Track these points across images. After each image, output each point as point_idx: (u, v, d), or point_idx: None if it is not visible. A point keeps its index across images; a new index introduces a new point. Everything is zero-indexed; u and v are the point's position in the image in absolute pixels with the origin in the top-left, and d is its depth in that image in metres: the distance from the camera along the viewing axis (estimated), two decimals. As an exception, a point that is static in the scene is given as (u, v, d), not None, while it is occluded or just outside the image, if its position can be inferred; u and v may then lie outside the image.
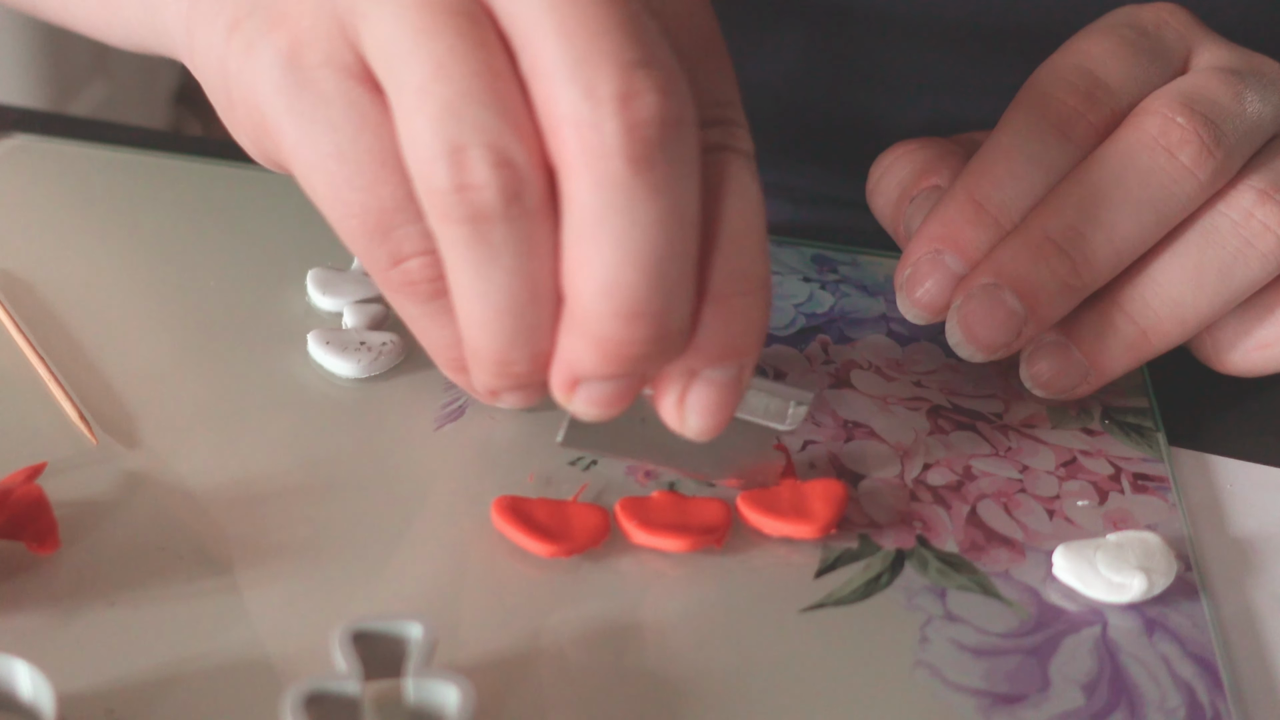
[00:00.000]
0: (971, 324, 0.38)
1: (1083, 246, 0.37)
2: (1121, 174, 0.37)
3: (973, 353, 0.39)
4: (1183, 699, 0.32)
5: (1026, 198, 0.38)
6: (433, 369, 0.41)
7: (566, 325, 0.29)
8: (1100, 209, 0.37)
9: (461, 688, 0.28)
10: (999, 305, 0.37)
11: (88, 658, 0.30)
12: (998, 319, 0.38)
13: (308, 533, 0.34)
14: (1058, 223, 0.37)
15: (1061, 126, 0.38)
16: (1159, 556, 0.34)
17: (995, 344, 0.38)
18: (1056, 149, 0.38)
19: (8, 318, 0.41)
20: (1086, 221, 0.37)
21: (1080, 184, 0.37)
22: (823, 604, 0.34)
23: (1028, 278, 0.37)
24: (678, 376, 0.30)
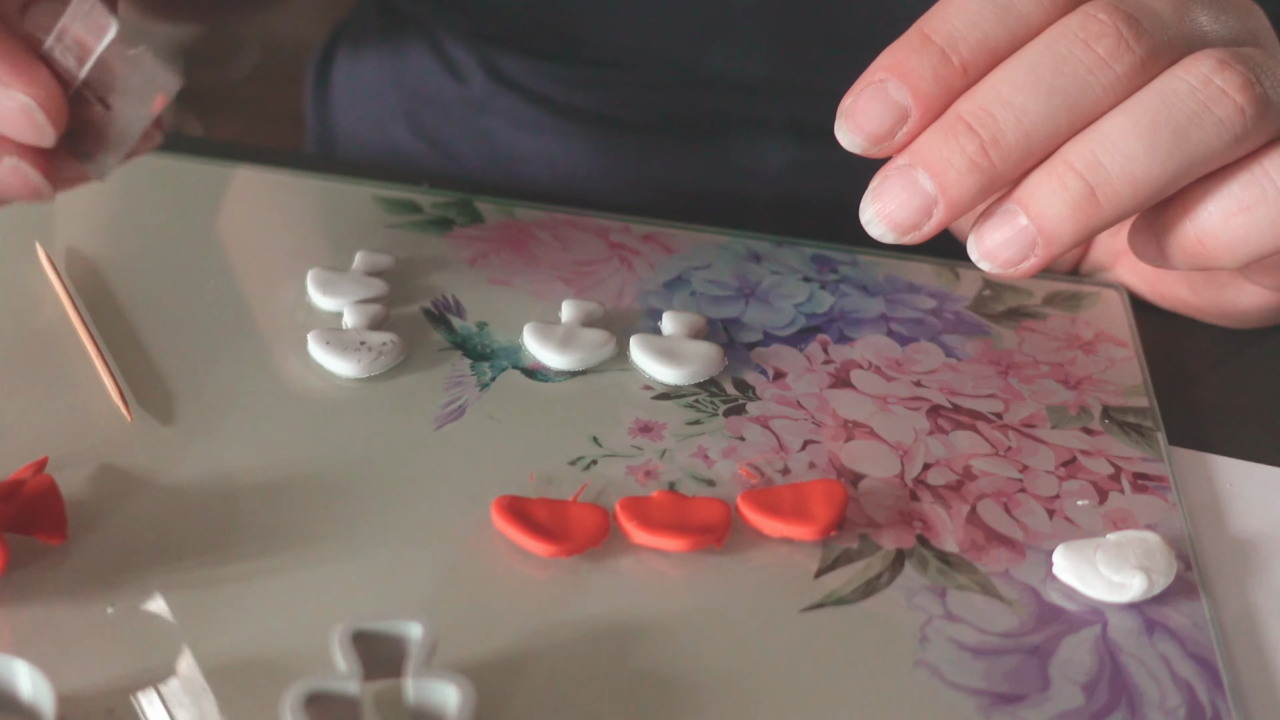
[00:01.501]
0: (884, 201, 0.38)
1: (991, 126, 0.36)
2: (1037, 60, 0.36)
3: (884, 232, 0.38)
4: (1183, 698, 0.32)
5: (974, 31, 0.37)
6: (433, 369, 0.41)
7: None
8: (1013, 91, 0.36)
9: (461, 688, 0.28)
10: (910, 184, 0.37)
11: (88, 657, 0.30)
12: (909, 198, 0.37)
13: (308, 532, 0.34)
14: (970, 105, 0.37)
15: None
16: (1159, 556, 0.34)
17: (905, 224, 0.38)
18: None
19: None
20: (997, 103, 0.36)
21: (998, 71, 0.37)
22: (823, 604, 0.34)
23: (937, 156, 0.37)
24: None
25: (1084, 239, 0.37)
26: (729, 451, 0.38)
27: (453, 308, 0.44)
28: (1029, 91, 0.36)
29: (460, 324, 0.43)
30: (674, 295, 0.45)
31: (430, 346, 0.42)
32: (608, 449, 0.38)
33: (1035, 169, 0.37)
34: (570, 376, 0.41)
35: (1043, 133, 0.36)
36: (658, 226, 0.49)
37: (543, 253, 0.47)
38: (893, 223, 0.38)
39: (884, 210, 0.38)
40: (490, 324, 0.43)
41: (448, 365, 0.41)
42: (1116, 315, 0.46)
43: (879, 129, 0.38)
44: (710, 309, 0.45)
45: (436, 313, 0.44)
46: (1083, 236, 0.37)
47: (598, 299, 0.45)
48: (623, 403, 0.40)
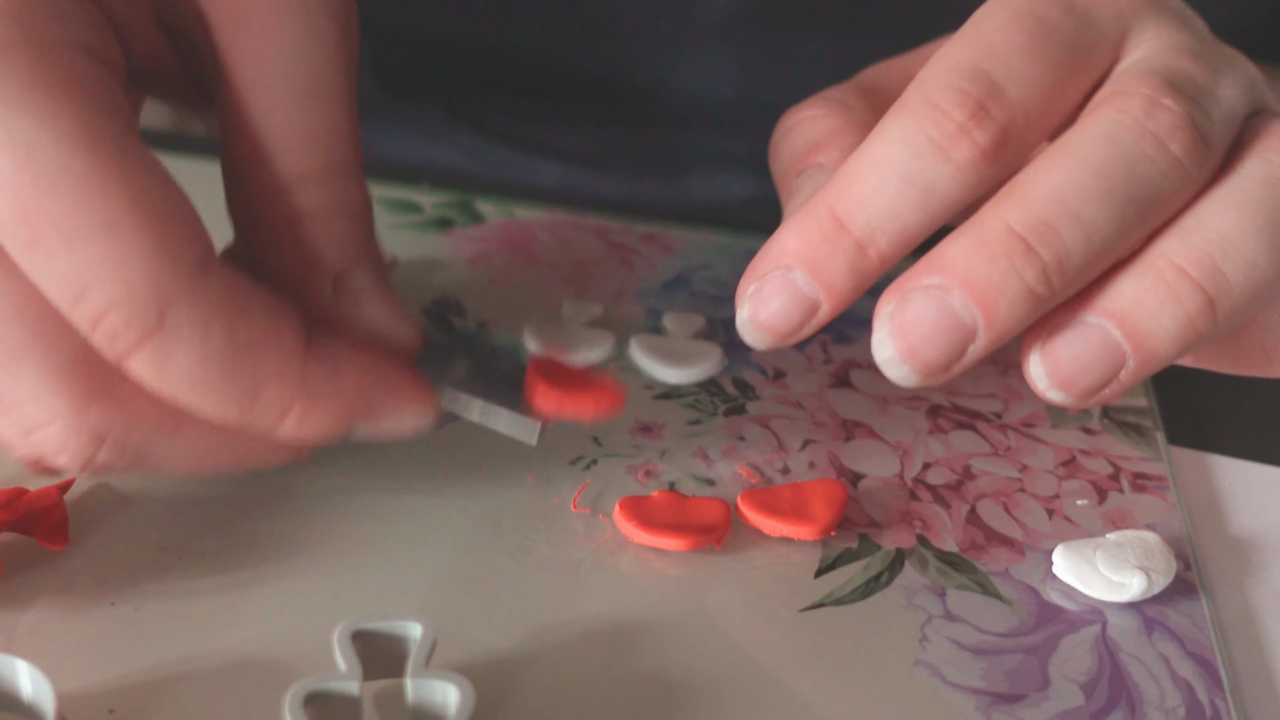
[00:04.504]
0: (909, 335, 0.30)
1: (1055, 245, 0.30)
2: (1104, 160, 0.30)
3: (906, 374, 0.31)
4: (1182, 698, 0.32)
5: (893, 222, 0.31)
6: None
7: None
8: (1081, 201, 0.30)
9: (461, 688, 0.28)
10: (946, 312, 0.30)
11: (88, 657, 0.30)
12: (943, 330, 0.30)
13: (307, 533, 0.34)
14: (1024, 215, 0.30)
15: (941, 146, 0.31)
16: (1158, 555, 0.34)
17: (937, 363, 0.31)
18: (934, 171, 0.31)
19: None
20: (1063, 216, 0.30)
21: (1051, 168, 0.31)
22: (822, 603, 0.34)
23: (984, 279, 0.30)
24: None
25: (1178, 358, 0.31)
26: (729, 451, 0.39)
27: (453, 307, 0.44)
28: (1099, 201, 0.30)
29: (461, 324, 0.43)
30: (674, 295, 0.45)
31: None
32: (608, 449, 0.38)
33: (1124, 271, 0.31)
34: (570, 376, 0.41)
35: (1112, 251, 0.30)
36: (658, 227, 0.49)
37: (543, 253, 0.47)
38: (921, 363, 0.31)
39: (910, 348, 0.30)
40: (490, 324, 0.43)
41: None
42: (1116, 315, 0.46)
43: (786, 326, 0.32)
44: (710, 309, 0.45)
45: (437, 312, 0.44)
46: (1180, 356, 0.31)
47: (598, 299, 0.45)
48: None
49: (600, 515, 0.36)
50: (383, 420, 0.33)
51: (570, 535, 0.35)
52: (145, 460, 0.31)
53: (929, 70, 0.32)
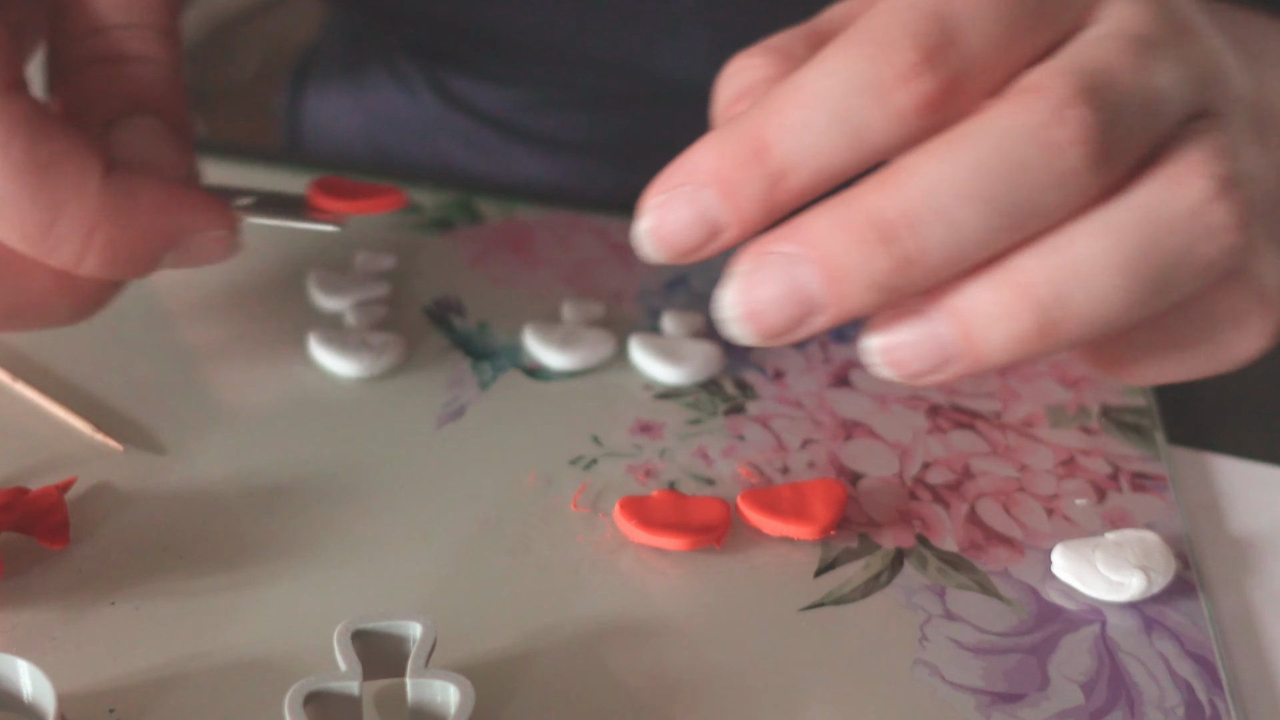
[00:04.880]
0: (755, 298, 0.30)
1: (914, 241, 0.29)
2: (988, 162, 0.29)
3: (746, 334, 0.30)
4: (1181, 697, 0.32)
5: (818, 157, 0.30)
6: (433, 369, 0.41)
7: None
8: (954, 201, 0.29)
9: (461, 687, 0.28)
10: (794, 284, 0.30)
11: (89, 656, 0.30)
12: (788, 300, 0.30)
13: (308, 533, 0.34)
14: (894, 204, 0.29)
15: (882, 88, 0.29)
16: (1157, 555, 0.34)
17: (777, 329, 0.30)
18: (869, 113, 0.29)
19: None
20: (930, 212, 0.29)
21: (933, 160, 0.29)
22: (822, 603, 0.34)
23: (839, 261, 0.29)
24: None
25: (1010, 364, 0.30)
26: (729, 451, 0.39)
27: (453, 308, 0.44)
28: (973, 204, 0.28)
29: (461, 324, 0.43)
30: (674, 295, 0.45)
31: (431, 346, 0.42)
32: (608, 448, 0.38)
33: (980, 274, 0.30)
34: (570, 376, 0.41)
35: (974, 255, 0.29)
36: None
37: (543, 253, 0.47)
38: (765, 329, 0.30)
39: (752, 308, 0.30)
40: (491, 324, 0.43)
41: (448, 365, 0.41)
42: (1116, 315, 0.46)
43: (686, 244, 0.31)
44: (710, 309, 0.45)
45: (437, 313, 0.44)
46: (1008, 365, 0.30)
47: (598, 299, 0.45)
48: (623, 402, 0.40)
49: (600, 515, 0.36)
50: (190, 246, 0.34)
51: (570, 535, 0.35)
52: None
53: (887, 3, 0.30)
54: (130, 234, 0.33)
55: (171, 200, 0.34)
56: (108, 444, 0.37)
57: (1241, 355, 0.33)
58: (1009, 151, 0.29)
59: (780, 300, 0.30)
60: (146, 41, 0.35)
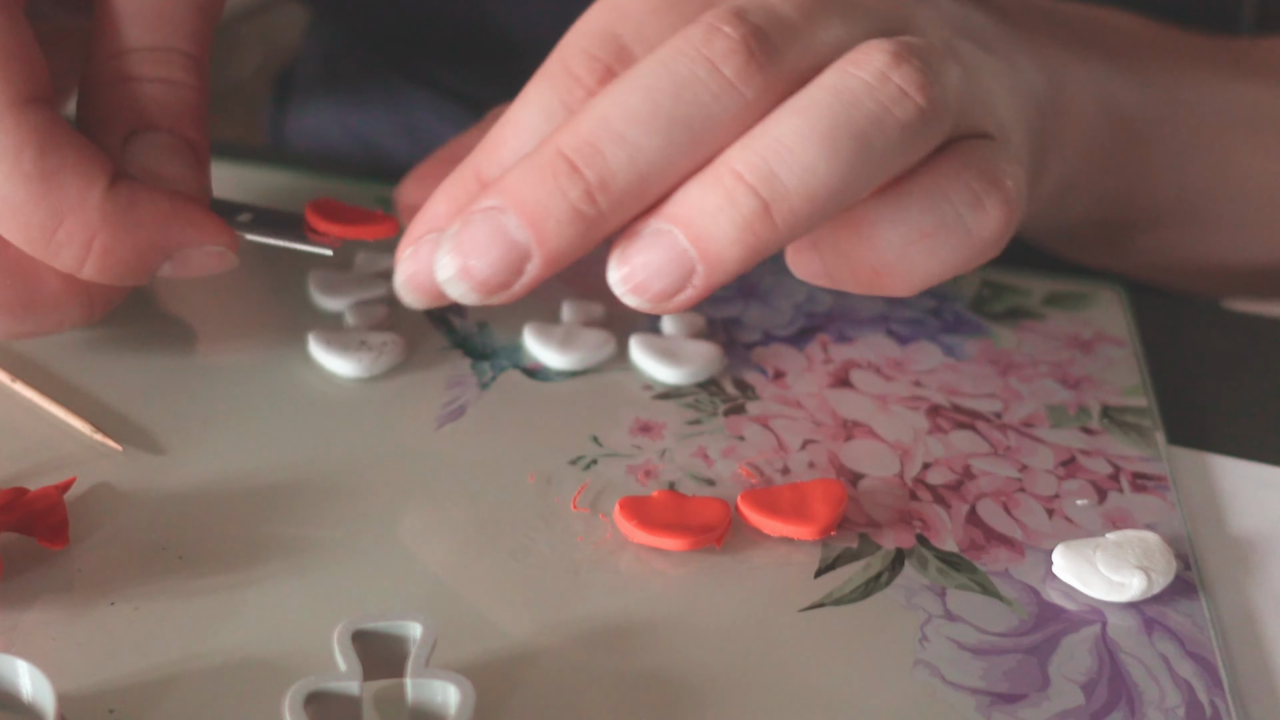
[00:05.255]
0: (467, 254, 0.32)
1: (599, 165, 0.31)
2: (654, 84, 0.31)
3: (466, 290, 0.32)
4: (1182, 697, 0.32)
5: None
6: (433, 369, 0.41)
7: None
8: (626, 123, 0.31)
9: (461, 688, 0.28)
10: (500, 233, 0.31)
11: (88, 657, 0.30)
12: (497, 250, 0.31)
13: (308, 533, 0.34)
14: (572, 138, 0.31)
15: (574, 109, 0.33)
16: (1158, 555, 0.34)
17: (493, 281, 0.32)
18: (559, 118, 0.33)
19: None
20: (607, 137, 0.31)
21: (607, 92, 0.31)
22: (822, 603, 0.34)
23: (533, 200, 0.31)
24: None
25: (750, 266, 0.32)
26: (729, 451, 0.39)
27: (453, 308, 0.44)
28: (645, 124, 0.31)
29: (460, 324, 0.43)
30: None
31: (431, 346, 0.42)
32: (608, 449, 0.38)
33: (692, 179, 0.32)
34: (570, 376, 0.41)
35: (659, 173, 0.31)
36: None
37: (543, 253, 0.47)
38: (477, 281, 0.32)
39: (467, 267, 0.32)
40: (490, 324, 0.43)
41: (448, 365, 0.41)
42: (1115, 315, 0.46)
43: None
44: (710, 309, 0.45)
45: (437, 313, 0.44)
46: (750, 263, 0.31)
47: (598, 299, 0.45)
48: (623, 403, 0.40)
49: (600, 515, 0.36)
50: (187, 256, 0.36)
51: (570, 535, 0.35)
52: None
53: (568, 35, 0.34)
54: (127, 244, 0.34)
55: (171, 214, 0.35)
56: (107, 444, 0.37)
57: (987, 236, 0.34)
58: (672, 70, 0.31)
59: (489, 251, 0.32)
60: (172, 65, 0.36)
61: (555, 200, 0.31)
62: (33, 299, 0.36)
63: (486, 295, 0.33)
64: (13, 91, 0.33)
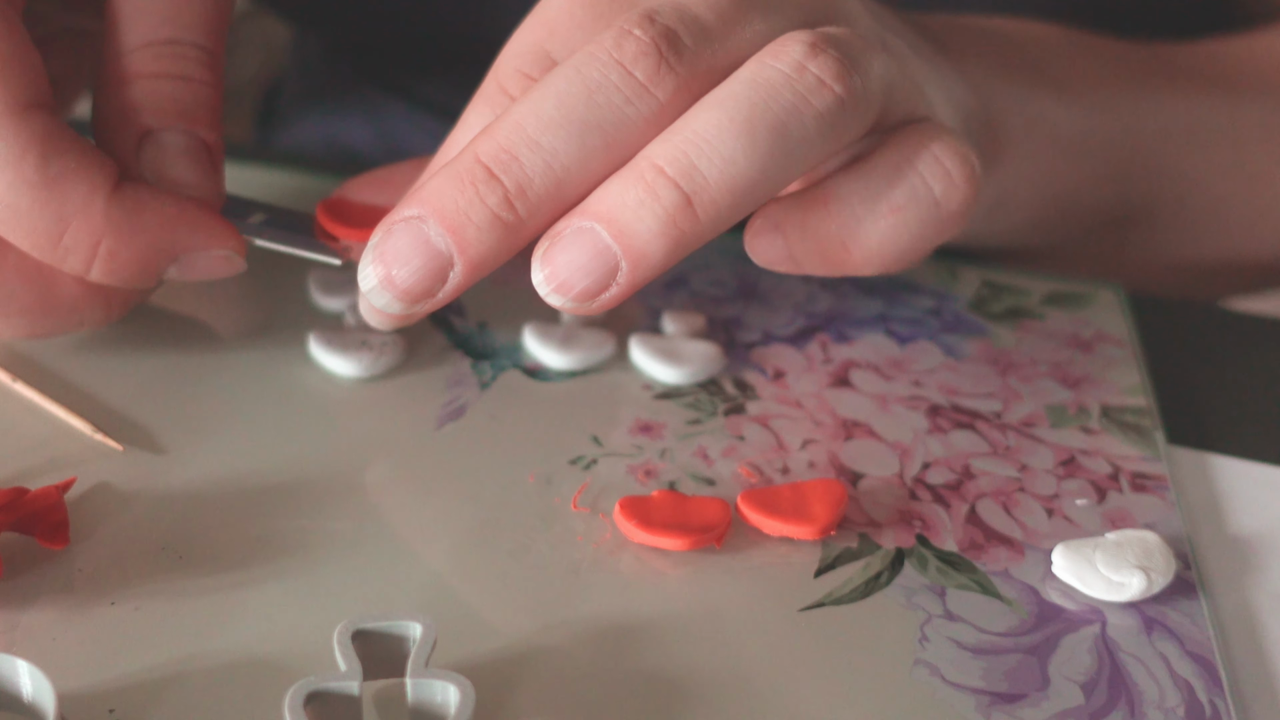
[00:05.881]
0: (389, 263, 0.32)
1: (516, 172, 0.31)
2: (566, 90, 0.32)
3: (390, 300, 0.33)
4: (1182, 697, 0.32)
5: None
6: (433, 369, 0.41)
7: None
8: (540, 129, 0.31)
9: (461, 687, 0.28)
10: (421, 241, 0.32)
11: (89, 656, 0.30)
12: (419, 258, 0.32)
13: (308, 532, 0.34)
14: (488, 145, 0.32)
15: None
16: (1158, 555, 0.34)
17: (416, 289, 0.32)
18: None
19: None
20: (523, 144, 0.31)
21: (523, 100, 0.32)
22: (822, 603, 0.34)
23: (452, 208, 0.31)
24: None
25: (674, 260, 0.32)
26: (729, 451, 0.39)
27: (453, 307, 0.44)
28: (559, 129, 0.31)
29: (461, 324, 0.43)
30: (674, 295, 0.45)
31: (431, 346, 0.42)
32: (608, 448, 0.38)
33: (613, 176, 0.32)
34: (570, 376, 0.41)
35: (576, 177, 0.32)
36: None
37: (543, 253, 0.47)
38: (400, 290, 0.32)
39: (390, 276, 0.32)
40: (491, 324, 0.43)
41: (448, 365, 0.41)
42: (1115, 315, 0.46)
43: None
44: (710, 309, 0.45)
45: (437, 312, 0.44)
46: (675, 257, 0.32)
47: (598, 299, 0.45)
48: (623, 402, 0.40)
49: (600, 515, 0.36)
50: (193, 260, 0.36)
51: (570, 535, 0.35)
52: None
53: (502, 54, 0.35)
54: (133, 248, 0.34)
55: (177, 218, 0.35)
56: (107, 444, 0.37)
57: (955, 209, 0.35)
58: (584, 76, 0.32)
59: (410, 259, 0.32)
60: (188, 60, 0.36)
61: (474, 207, 0.31)
62: (51, 301, 0.36)
63: (410, 304, 0.33)
64: (12, 98, 0.33)
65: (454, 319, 0.43)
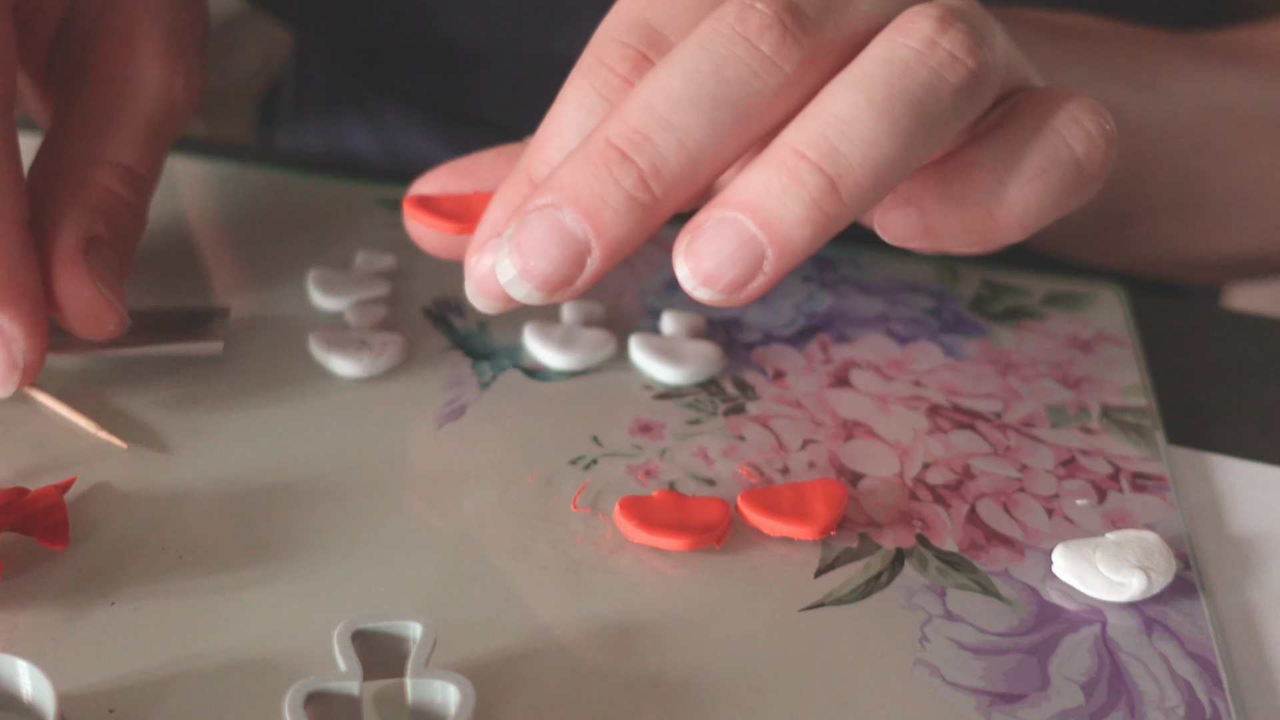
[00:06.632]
0: (526, 254, 0.32)
1: (649, 152, 0.31)
2: (693, 66, 0.31)
3: (529, 291, 0.32)
4: (1182, 697, 0.32)
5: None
6: (434, 368, 0.41)
7: None
8: (671, 108, 0.31)
9: (461, 687, 0.28)
10: (557, 229, 0.31)
11: (89, 656, 0.30)
12: (556, 246, 0.32)
13: (308, 533, 0.34)
14: (619, 127, 0.31)
15: (612, 99, 0.33)
16: (1158, 555, 0.34)
17: (554, 278, 0.32)
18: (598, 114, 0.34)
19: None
20: (654, 124, 0.31)
21: (649, 79, 0.32)
22: (822, 603, 0.34)
23: (587, 192, 0.31)
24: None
25: (819, 245, 0.31)
26: (729, 451, 0.39)
27: (453, 307, 0.44)
28: (690, 106, 0.31)
29: (461, 324, 0.43)
30: (674, 295, 0.45)
31: (431, 346, 0.42)
32: (608, 448, 0.38)
33: (752, 164, 0.32)
34: (570, 376, 0.41)
35: (709, 154, 0.32)
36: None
37: (543, 253, 0.47)
38: (539, 280, 0.32)
39: (528, 267, 0.32)
40: (490, 324, 0.43)
41: (448, 365, 0.41)
42: (1115, 315, 0.46)
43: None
44: (710, 309, 0.45)
45: (437, 312, 0.44)
46: (818, 243, 0.31)
47: (598, 299, 0.45)
48: (623, 402, 0.40)
49: (600, 515, 0.36)
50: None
51: (570, 535, 0.35)
52: None
53: (600, 28, 0.34)
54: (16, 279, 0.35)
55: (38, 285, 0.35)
56: (112, 441, 0.37)
57: (1095, 169, 0.35)
58: (710, 52, 0.31)
59: (548, 249, 0.32)
60: (128, 185, 0.38)
61: (609, 190, 0.31)
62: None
63: (550, 293, 0.32)
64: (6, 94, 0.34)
65: (454, 319, 0.43)
